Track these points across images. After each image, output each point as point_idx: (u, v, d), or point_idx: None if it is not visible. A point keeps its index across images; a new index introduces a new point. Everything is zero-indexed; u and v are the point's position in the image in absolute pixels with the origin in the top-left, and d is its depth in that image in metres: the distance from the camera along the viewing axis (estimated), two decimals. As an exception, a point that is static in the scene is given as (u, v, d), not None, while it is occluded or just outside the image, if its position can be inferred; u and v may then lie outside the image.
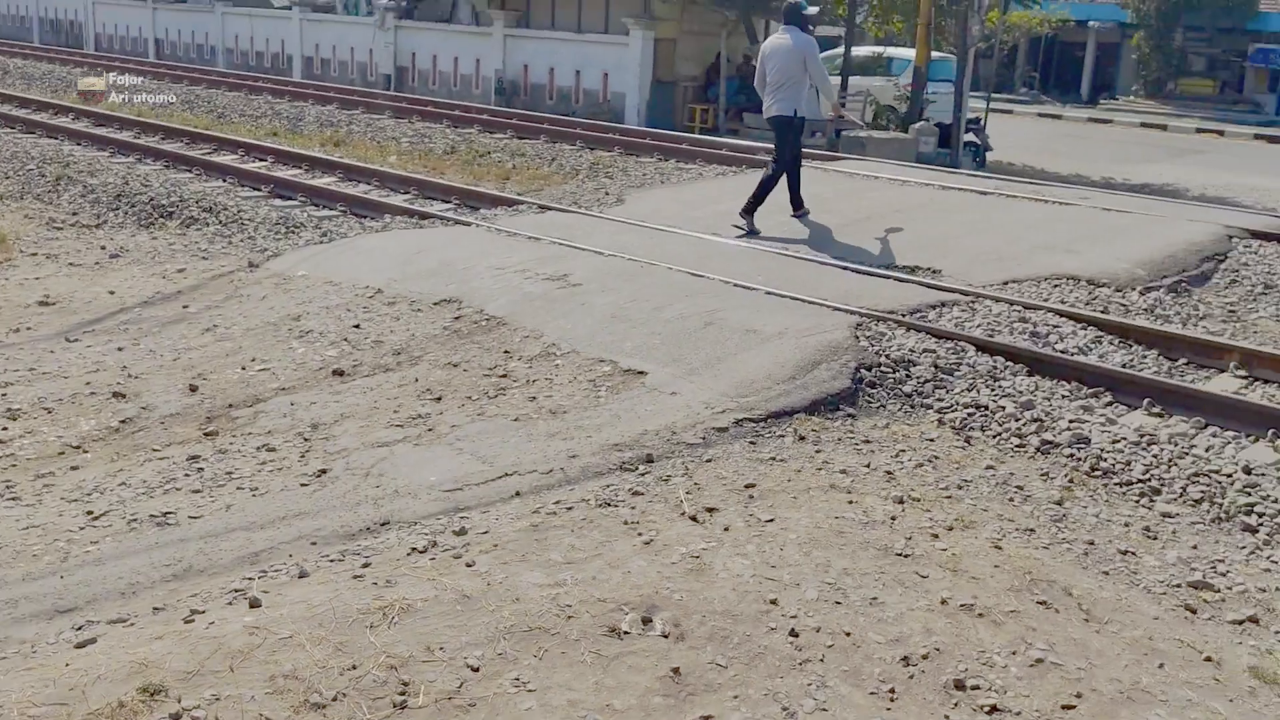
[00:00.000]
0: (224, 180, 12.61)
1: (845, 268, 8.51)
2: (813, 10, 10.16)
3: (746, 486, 4.74)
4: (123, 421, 5.65)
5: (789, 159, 10.13)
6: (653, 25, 20.99)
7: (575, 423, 5.46)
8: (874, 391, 6.00)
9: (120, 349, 6.81)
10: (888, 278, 8.22)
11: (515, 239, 9.16)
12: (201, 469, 5.02)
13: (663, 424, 5.40)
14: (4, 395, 5.94)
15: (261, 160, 13.94)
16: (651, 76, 21.18)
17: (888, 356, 6.33)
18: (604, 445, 5.17)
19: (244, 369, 6.42)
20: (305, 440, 5.33)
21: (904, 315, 7.10)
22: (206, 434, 5.48)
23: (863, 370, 6.13)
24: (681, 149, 15.49)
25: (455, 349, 6.64)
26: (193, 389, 6.08)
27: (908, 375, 6.17)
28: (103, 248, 9.64)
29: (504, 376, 6.18)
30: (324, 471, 4.95)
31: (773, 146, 10.47)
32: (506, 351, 6.55)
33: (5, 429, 5.51)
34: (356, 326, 7.08)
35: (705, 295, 7.42)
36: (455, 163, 15.03)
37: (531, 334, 6.77)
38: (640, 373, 6.07)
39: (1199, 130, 31.25)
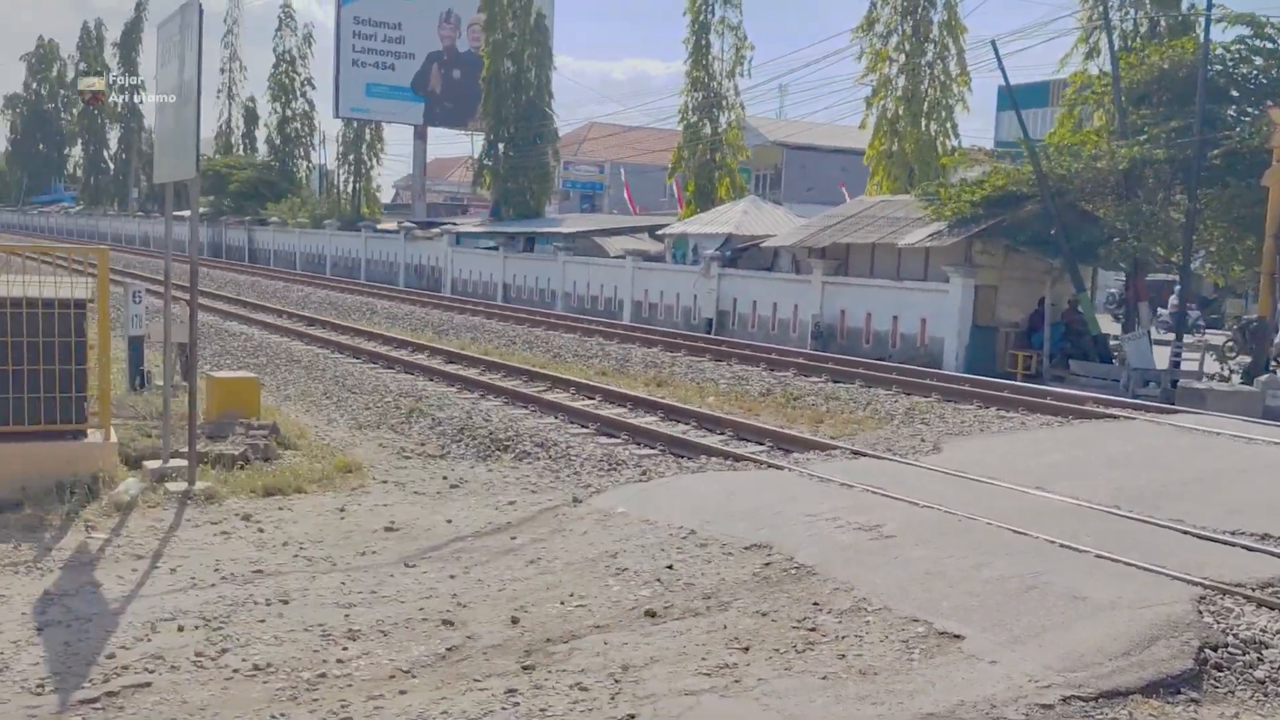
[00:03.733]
0: (555, 417, 13.41)
1: (1185, 532, 7.92)
2: None
3: (1074, 774, 4.38)
4: (449, 649, 5.94)
5: None
6: (973, 273, 20.98)
7: (886, 686, 5.27)
8: (1220, 675, 5.46)
9: (452, 576, 7.24)
10: (1234, 545, 7.57)
11: (827, 485, 9.16)
12: (518, 703, 5.18)
13: (981, 695, 5.11)
14: (347, 616, 6.43)
15: (590, 399, 14.78)
16: (971, 322, 21.03)
17: (1236, 636, 5.78)
18: (917, 714, 4.95)
19: (563, 604, 6.65)
20: (616, 681, 5.42)
21: (1253, 589, 6.49)
22: (524, 667, 5.67)
23: (1207, 650, 5.61)
24: (1002, 396, 15.13)
25: (764, 597, 6.63)
26: (514, 621, 6.35)
27: (1259, 659, 5.59)
28: (444, 477, 10.41)
29: (813, 630, 6.09)
30: (632, 717, 4.99)
31: None
32: (816, 603, 6.47)
33: (345, 649, 5.93)
34: (669, 567, 7.22)
35: (1028, 555, 7.09)
36: (770, 405, 15.33)
37: (842, 586, 6.67)
38: (957, 636, 5.82)
39: None
